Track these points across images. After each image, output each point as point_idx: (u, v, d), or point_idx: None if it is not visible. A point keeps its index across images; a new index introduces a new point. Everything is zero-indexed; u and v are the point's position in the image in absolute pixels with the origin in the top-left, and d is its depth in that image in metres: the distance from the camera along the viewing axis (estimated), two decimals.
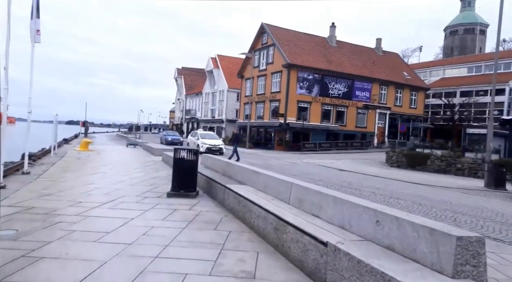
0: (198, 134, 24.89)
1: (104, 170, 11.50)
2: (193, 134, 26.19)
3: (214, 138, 24.58)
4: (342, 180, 13.45)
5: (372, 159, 26.09)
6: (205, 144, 22.56)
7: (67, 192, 7.34)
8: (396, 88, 40.49)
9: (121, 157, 16.63)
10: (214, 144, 22.92)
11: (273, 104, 35.98)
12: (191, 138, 25.37)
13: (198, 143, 22.82)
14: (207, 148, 22.00)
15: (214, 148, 22.30)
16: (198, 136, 24.22)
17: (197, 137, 24.13)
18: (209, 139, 23.51)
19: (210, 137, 24.61)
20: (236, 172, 7.36)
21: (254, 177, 6.40)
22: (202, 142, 22.85)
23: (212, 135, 25.85)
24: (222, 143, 23.70)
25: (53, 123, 15.28)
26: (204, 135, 24.81)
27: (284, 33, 37.41)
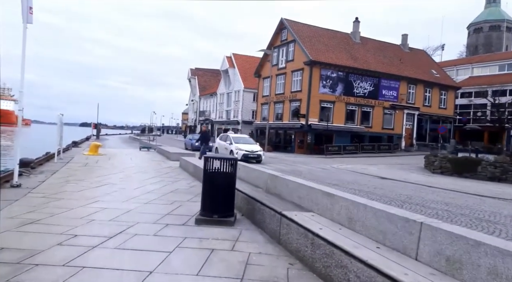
0: (230, 138, 20.37)
1: (114, 179, 9.61)
2: (222, 138, 21.61)
3: (250, 143, 20.23)
4: (396, 192, 11.25)
5: (406, 164, 23.71)
6: (241, 149, 18.63)
7: (60, 216, 5.41)
8: (424, 87, 37.87)
9: (134, 163, 14.80)
10: (252, 149, 18.98)
11: (294, 104, 33.85)
12: (221, 143, 20.89)
13: (232, 149, 19.01)
14: (244, 155, 18.25)
15: (252, 155, 18.65)
16: (231, 140, 19.96)
17: (230, 141, 19.88)
18: (244, 144, 19.43)
19: (244, 141, 20.39)
20: (290, 190, 5.31)
21: (325, 200, 4.33)
22: (236, 147, 18.89)
23: (246, 139, 21.20)
24: (260, 149, 19.54)
25: (57, 125, 13.51)
26: (238, 139, 20.57)
27: (305, 29, 35.29)
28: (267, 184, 6.27)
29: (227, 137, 20.75)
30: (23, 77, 7.51)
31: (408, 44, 41.87)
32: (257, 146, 20.02)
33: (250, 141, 21.10)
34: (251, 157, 18.37)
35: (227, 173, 5.38)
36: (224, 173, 5.37)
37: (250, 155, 18.58)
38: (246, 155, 18.31)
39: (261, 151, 19.34)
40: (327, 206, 4.24)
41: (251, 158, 18.34)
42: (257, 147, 19.65)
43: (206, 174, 5.47)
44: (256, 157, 18.71)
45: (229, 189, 5.40)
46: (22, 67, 7.51)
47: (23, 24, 7.49)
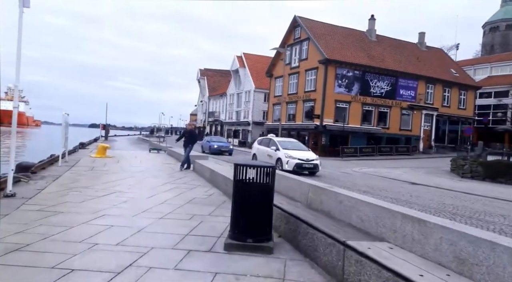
0: (275, 142, 16.03)
1: (122, 186, 8.55)
2: (263, 142, 17.18)
3: (301, 149, 15.92)
4: (436, 201, 10.02)
5: (430, 167, 22.35)
6: (292, 157, 14.54)
7: (55, 239, 4.33)
8: (443, 87, 36.34)
9: (144, 166, 13.77)
10: (307, 157, 14.77)
11: (307, 104, 32.65)
12: (262, 149, 16.66)
13: (279, 157, 14.95)
14: (297, 165, 14.25)
15: (307, 164, 14.56)
16: (276, 145, 15.68)
17: (275, 147, 15.63)
18: (295, 151, 15.19)
19: (294, 146, 15.96)
20: (346, 208, 4.15)
21: (408, 227, 3.16)
22: (286, 154, 14.73)
23: (296, 144, 16.68)
24: (317, 157, 15.29)
25: (62, 125, 12.53)
26: (285, 143, 16.06)
27: (319, 26, 34.08)
28: (308, 197, 5.12)
29: (270, 142, 16.42)
30: (18, 70, 6.49)
31: (425, 42, 40.39)
32: (311, 153, 15.61)
33: (301, 146, 16.51)
34: (306, 168, 14.50)
35: (264, 185, 4.25)
36: (260, 184, 4.24)
37: (305, 165, 14.47)
38: (299, 165, 14.30)
39: (318, 160, 14.95)
40: (413, 235, 3.07)
41: (306, 168, 14.50)
42: (312, 154, 15.28)
43: (237, 185, 4.35)
44: (312, 167, 14.58)
45: (266, 204, 4.27)
46: (18, 58, 6.49)
47: (19, 8, 6.48)
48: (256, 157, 16.90)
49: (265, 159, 15.74)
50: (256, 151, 17.31)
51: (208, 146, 26.69)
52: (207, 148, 26.63)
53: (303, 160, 14.54)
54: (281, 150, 15.21)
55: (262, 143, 17.29)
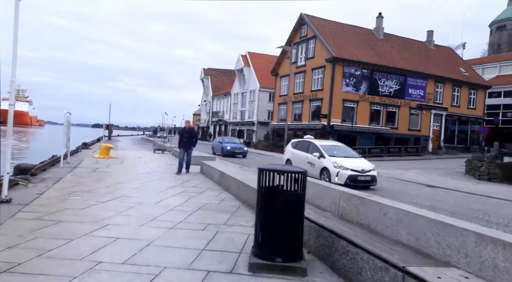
0: (318, 147, 12.58)
1: (127, 190, 7.97)
2: (300, 146, 13.85)
3: (352, 156, 12.59)
4: (463, 206, 9.36)
5: (442, 168, 21.65)
6: (344, 167, 11.31)
7: (52, 256, 3.74)
8: (453, 86, 35.55)
9: (149, 167, 13.20)
10: (362, 167, 11.41)
11: (314, 104, 31.99)
12: (300, 155, 13.41)
13: (326, 166, 11.70)
14: (351, 177, 11.09)
15: (364, 177, 11.28)
16: (320, 150, 12.31)
17: (319, 152, 12.26)
18: (345, 159, 11.92)
19: (341, 152, 12.63)
20: (393, 222, 3.53)
21: (488, 251, 2.56)
22: (336, 163, 11.47)
23: (344, 149, 13.16)
24: (373, 166, 11.77)
25: (64, 124, 11.97)
26: (330, 148, 12.69)
27: (326, 24, 33.40)
28: (339, 206, 4.50)
29: (311, 146, 13.02)
30: (15, 62, 5.92)
31: (433, 41, 39.61)
32: (365, 161, 12.35)
33: (351, 152, 13.14)
34: (361, 181, 11.17)
35: (294, 193, 3.64)
36: (289, 192, 3.64)
37: (361, 177, 11.20)
38: (353, 178, 11.08)
39: (375, 170, 11.67)
40: (497, 262, 2.45)
41: (362, 181, 11.20)
42: (366, 163, 12.02)
43: (262, 193, 3.74)
44: (369, 180, 11.36)
45: (296, 217, 3.66)
46: (14, 50, 5.92)
47: None
48: (291, 164, 13.15)
49: (304, 166, 11.47)
50: (290, 156, 13.94)
51: (220, 148, 24.15)
52: (218, 149, 24.31)
53: (357, 170, 11.25)
54: (327, 157, 11.86)
55: (298, 147, 13.84)
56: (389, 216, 3.57)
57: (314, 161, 12.42)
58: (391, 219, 3.54)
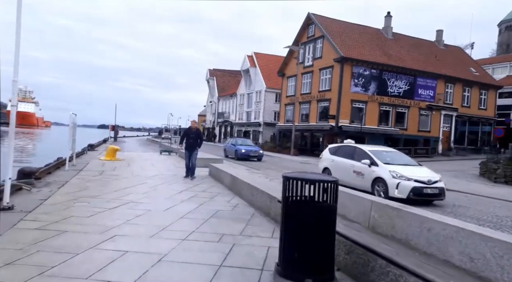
0: (367, 153, 10.44)
1: (135, 195, 7.61)
2: (341, 152, 11.69)
3: (409, 164, 10.37)
4: (485, 211, 8.87)
5: (455, 171, 21.08)
6: (406, 178, 9.19)
7: (55, 272, 3.36)
8: (463, 86, 34.89)
9: (157, 170, 12.85)
10: (428, 178, 9.38)
11: (322, 104, 31.52)
12: (342, 162, 11.21)
13: (381, 176, 9.55)
14: (415, 189, 9.02)
15: (431, 189, 9.18)
16: (370, 157, 10.14)
17: (370, 160, 10.05)
18: (403, 167, 9.82)
19: (396, 159, 10.45)
20: (440, 239, 3.10)
21: None
22: (395, 172, 9.38)
23: (397, 156, 10.95)
24: (439, 176, 9.71)
25: (69, 126, 11.65)
26: (383, 154, 10.52)
27: (333, 24, 32.95)
28: (369, 217, 4.09)
29: (357, 152, 10.86)
30: (17, 61, 5.58)
31: (443, 40, 38.97)
32: (427, 169, 10.12)
33: (406, 159, 10.86)
34: (429, 194, 9.14)
35: (325, 205, 3.24)
36: (318, 204, 3.23)
37: (428, 190, 9.10)
38: (418, 191, 8.99)
39: (442, 181, 9.60)
40: None
41: (429, 195, 9.16)
42: (430, 172, 9.92)
43: (288, 205, 3.34)
44: (438, 193, 9.24)
45: (327, 232, 3.26)
46: (16, 49, 5.58)
47: None
48: (331, 173, 11.32)
49: (348, 177, 10.36)
50: (329, 164, 11.89)
51: (233, 150, 22.53)
52: (232, 152, 22.86)
53: (422, 181, 9.09)
54: (381, 165, 9.72)
55: (339, 153, 11.70)
56: (435, 231, 3.15)
57: (363, 169, 10.11)
58: (437, 235, 3.12)
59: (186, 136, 11.28)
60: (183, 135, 11.54)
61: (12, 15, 5.87)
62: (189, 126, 11.84)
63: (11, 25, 5.75)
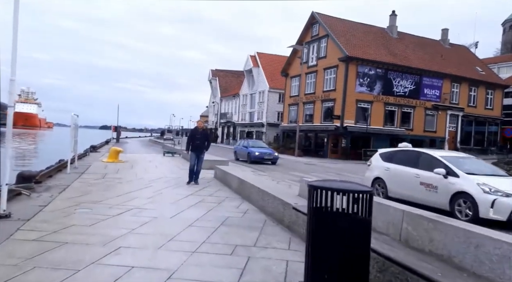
0: (439, 160, 8.25)
1: (140, 200, 7.25)
2: (399, 158, 9.40)
3: (497, 174, 8.28)
4: None
5: None
6: (504, 192, 6.94)
7: None
8: (469, 85, 34.41)
9: (161, 172, 12.49)
10: None
11: (326, 104, 31.11)
12: (402, 171, 8.98)
13: (465, 189, 7.38)
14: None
15: None
16: (448, 166, 7.95)
17: (445, 169, 7.90)
18: (492, 178, 7.68)
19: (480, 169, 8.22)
20: (494, 257, 2.71)
21: None
22: (485, 185, 7.14)
23: (478, 164, 8.66)
24: None
25: (71, 127, 11.31)
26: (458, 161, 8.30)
27: (338, 23, 32.54)
28: (401, 229, 3.70)
29: (423, 158, 8.72)
30: (15, 60, 5.22)
31: (448, 39, 38.49)
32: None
33: (490, 167, 8.95)
34: None
35: (358, 218, 2.85)
36: (351, 217, 2.85)
37: None
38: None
39: None
40: None
41: None
42: None
43: (315, 217, 2.96)
44: None
45: (361, 249, 2.87)
46: (13, 47, 5.22)
47: None
48: (385, 185, 9.30)
49: (412, 190, 8.47)
50: (382, 173, 9.54)
51: (246, 153, 20.91)
52: (243, 155, 21.29)
53: None
54: (464, 175, 7.61)
55: (396, 159, 9.41)
56: (485, 249, 2.76)
57: (435, 181, 8.01)
58: (488, 254, 2.73)
59: (191, 137, 10.24)
60: (190, 138, 10.30)
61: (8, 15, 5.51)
62: (195, 127, 10.92)
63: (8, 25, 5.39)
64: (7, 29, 5.38)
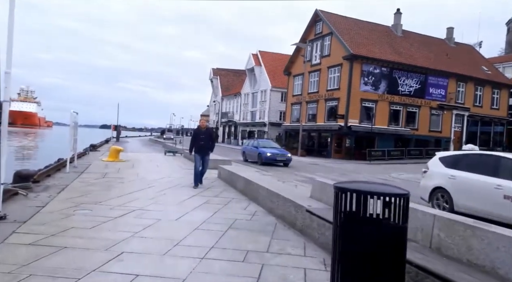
0: None
1: (142, 201, 6.92)
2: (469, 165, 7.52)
3: None
4: None
5: None
6: None
7: None
8: (475, 85, 34.00)
9: (163, 172, 12.17)
10: None
11: (330, 104, 30.75)
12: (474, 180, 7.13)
13: None
14: None
15: None
16: None
17: None
18: None
19: None
20: None
21: None
22: None
23: None
24: None
25: (70, 125, 10.98)
26: None
27: (342, 20, 32.17)
28: (433, 236, 3.35)
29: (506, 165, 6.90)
30: (10, 51, 4.89)
31: (454, 38, 38.08)
32: None
33: None
34: None
35: (392, 225, 2.51)
36: (384, 223, 2.51)
37: None
38: None
39: None
40: None
41: None
42: None
43: (343, 223, 2.62)
44: None
45: (395, 259, 2.54)
46: (9, 37, 4.90)
47: None
48: (450, 197, 7.61)
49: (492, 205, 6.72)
50: (445, 182, 7.83)
51: (256, 154, 19.18)
52: (253, 156, 19.62)
53: None
54: None
55: (464, 165, 7.69)
56: None
57: None
58: None
59: (195, 137, 9.34)
60: (193, 139, 9.38)
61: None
62: (197, 126, 10.01)
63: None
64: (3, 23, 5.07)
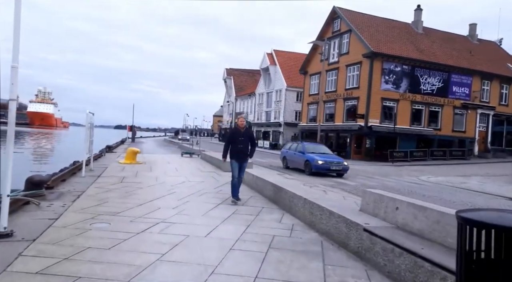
0: None
1: (164, 211, 6.21)
2: None
3: None
4: None
5: (503, 175, 19.09)
6: None
7: None
8: (501, 83, 32.51)
9: (182, 175, 11.48)
10: None
11: (349, 103, 29.75)
12: None
13: None
14: None
15: None
16: None
17: None
18: None
19: None
20: None
21: None
22: None
23: None
24: None
25: (86, 126, 10.37)
26: None
27: (360, 17, 31.13)
28: None
29: None
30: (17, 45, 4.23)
31: (477, 35, 36.63)
32: None
33: None
34: None
35: None
36: None
37: None
38: None
39: None
40: None
41: None
42: None
43: (475, 267, 1.83)
44: None
45: None
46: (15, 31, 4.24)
47: None
48: None
49: None
50: None
51: (302, 161, 15.31)
52: (298, 162, 15.84)
53: None
54: None
55: None
56: None
57: None
58: None
59: (231, 139, 7.46)
60: (229, 141, 7.48)
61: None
62: (234, 126, 8.36)
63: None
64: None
